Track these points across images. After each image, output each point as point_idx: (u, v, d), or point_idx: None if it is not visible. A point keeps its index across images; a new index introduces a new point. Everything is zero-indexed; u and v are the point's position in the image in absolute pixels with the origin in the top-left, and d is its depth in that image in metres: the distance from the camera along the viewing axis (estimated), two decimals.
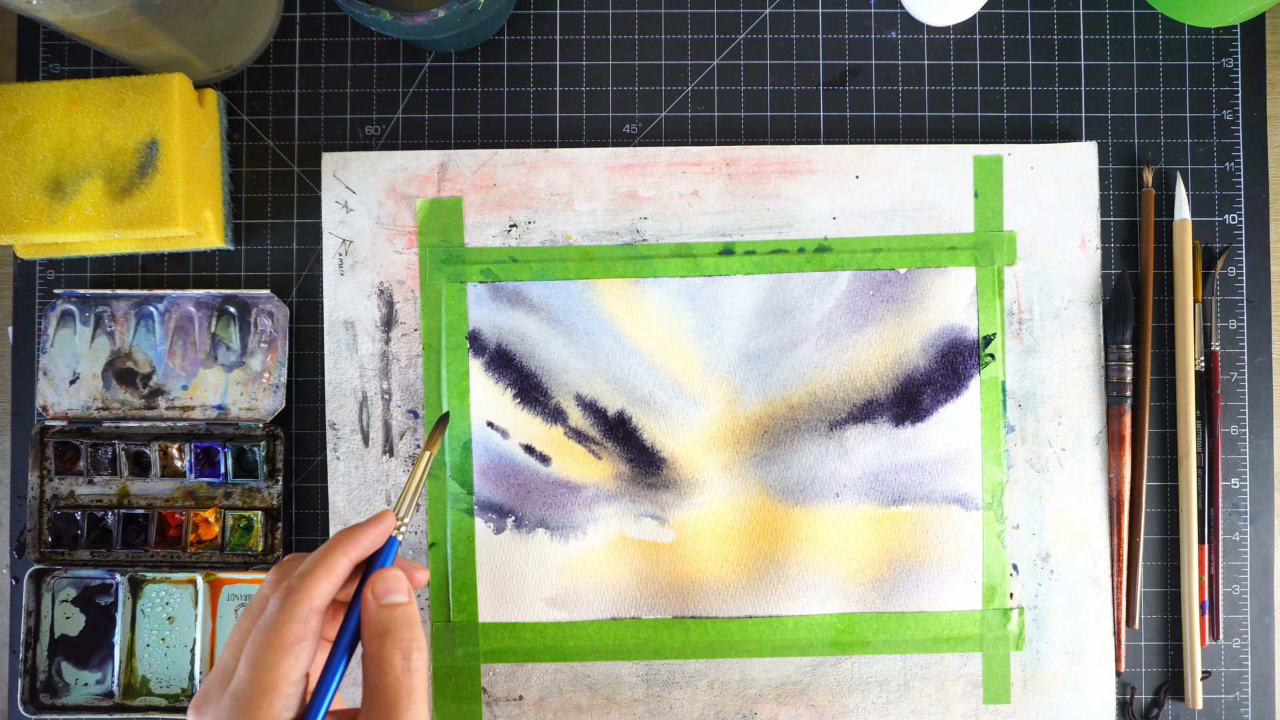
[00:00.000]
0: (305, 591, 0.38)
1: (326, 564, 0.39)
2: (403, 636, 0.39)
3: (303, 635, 0.37)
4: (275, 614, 0.37)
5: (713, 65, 0.54)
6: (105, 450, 0.52)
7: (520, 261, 0.52)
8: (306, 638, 0.37)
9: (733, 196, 0.52)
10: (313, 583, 0.38)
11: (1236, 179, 0.53)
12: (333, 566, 0.39)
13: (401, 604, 0.39)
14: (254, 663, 0.36)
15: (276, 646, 0.37)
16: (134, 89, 0.48)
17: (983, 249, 0.52)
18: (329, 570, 0.39)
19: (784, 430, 0.51)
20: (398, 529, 0.42)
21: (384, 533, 0.41)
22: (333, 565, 0.39)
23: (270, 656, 0.36)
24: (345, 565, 0.39)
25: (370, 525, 0.41)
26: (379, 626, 0.39)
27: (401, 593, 0.40)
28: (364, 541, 0.40)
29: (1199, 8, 0.52)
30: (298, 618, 0.37)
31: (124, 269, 0.53)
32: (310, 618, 0.37)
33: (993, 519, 0.51)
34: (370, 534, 0.41)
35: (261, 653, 0.37)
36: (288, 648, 0.37)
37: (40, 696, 0.51)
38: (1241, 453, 0.53)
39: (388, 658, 0.38)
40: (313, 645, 0.37)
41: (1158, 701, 0.52)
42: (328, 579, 0.38)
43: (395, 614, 0.39)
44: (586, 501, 0.51)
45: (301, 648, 0.37)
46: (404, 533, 0.43)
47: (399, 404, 0.52)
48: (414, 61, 0.54)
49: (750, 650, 0.51)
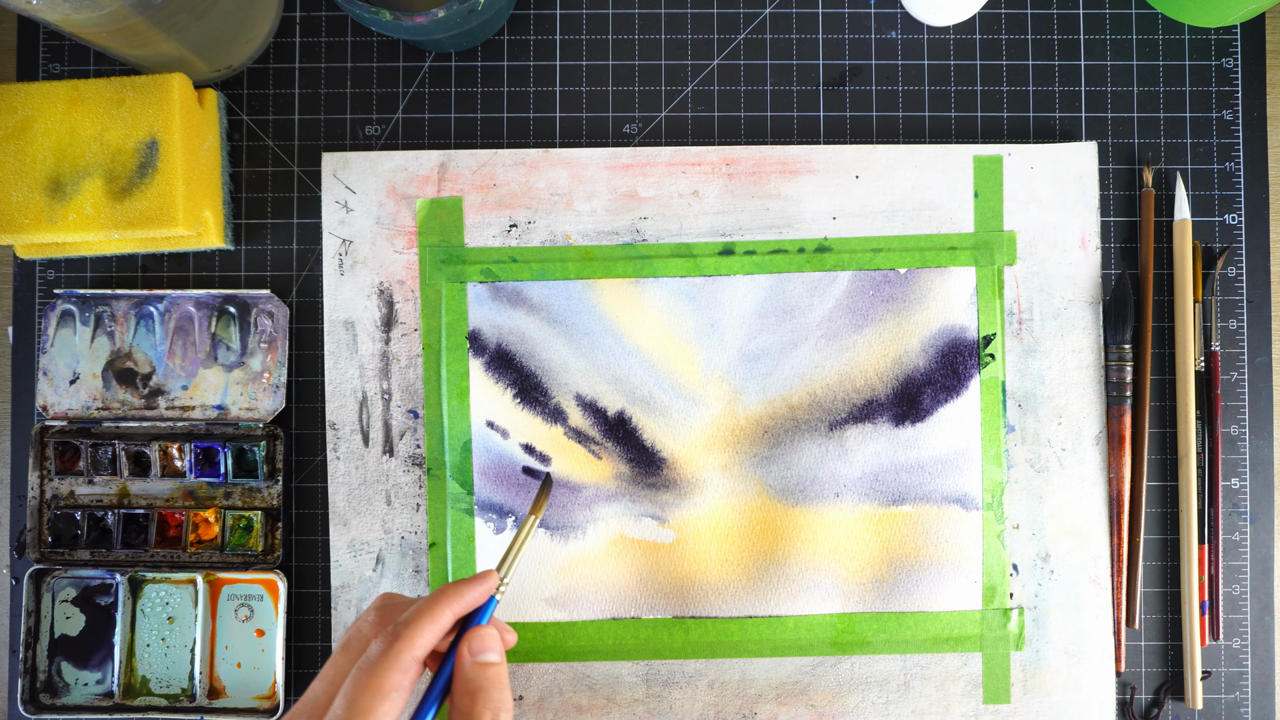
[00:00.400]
0: (409, 640, 0.39)
1: (431, 615, 0.40)
2: (494, 697, 0.40)
3: (402, 683, 0.38)
4: (378, 658, 0.38)
5: (713, 65, 0.54)
6: (105, 450, 0.52)
7: (520, 261, 0.52)
8: (405, 685, 0.38)
9: (733, 196, 0.52)
10: (417, 632, 0.39)
11: (1236, 179, 0.53)
12: (437, 618, 0.40)
13: (494, 664, 0.40)
14: (351, 703, 0.37)
15: (376, 690, 0.38)
16: (134, 89, 0.48)
17: (983, 249, 0.52)
18: (433, 621, 0.40)
19: (784, 430, 0.51)
20: (499, 589, 0.43)
21: (486, 591, 0.42)
22: (437, 617, 0.40)
23: (368, 700, 0.37)
24: (449, 618, 0.40)
25: (474, 582, 0.42)
26: (472, 684, 0.40)
27: (495, 652, 0.41)
28: (468, 597, 0.41)
29: (1199, 8, 0.52)
30: (399, 665, 0.38)
31: (124, 269, 0.53)
32: (411, 666, 0.38)
33: (993, 519, 0.51)
34: (474, 590, 0.42)
35: (361, 694, 0.37)
36: (386, 693, 0.38)
37: (40, 696, 0.51)
38: (1241, 453, 0.53)
39: (477, 715, 0.39)
40: (409, 693, 0.38)
41: (1158, 701, 0.52)
42: (431, 630, 0.39)
43: (489, 673, 0.40)
44: (586, 501, 0.51)
45: (399, 695, 0.38)
46: (504, 593, 0.43)
47: (399, 404, 0.52)
48: (414, 61, 0.54)
49: (750, 650, 0.51)
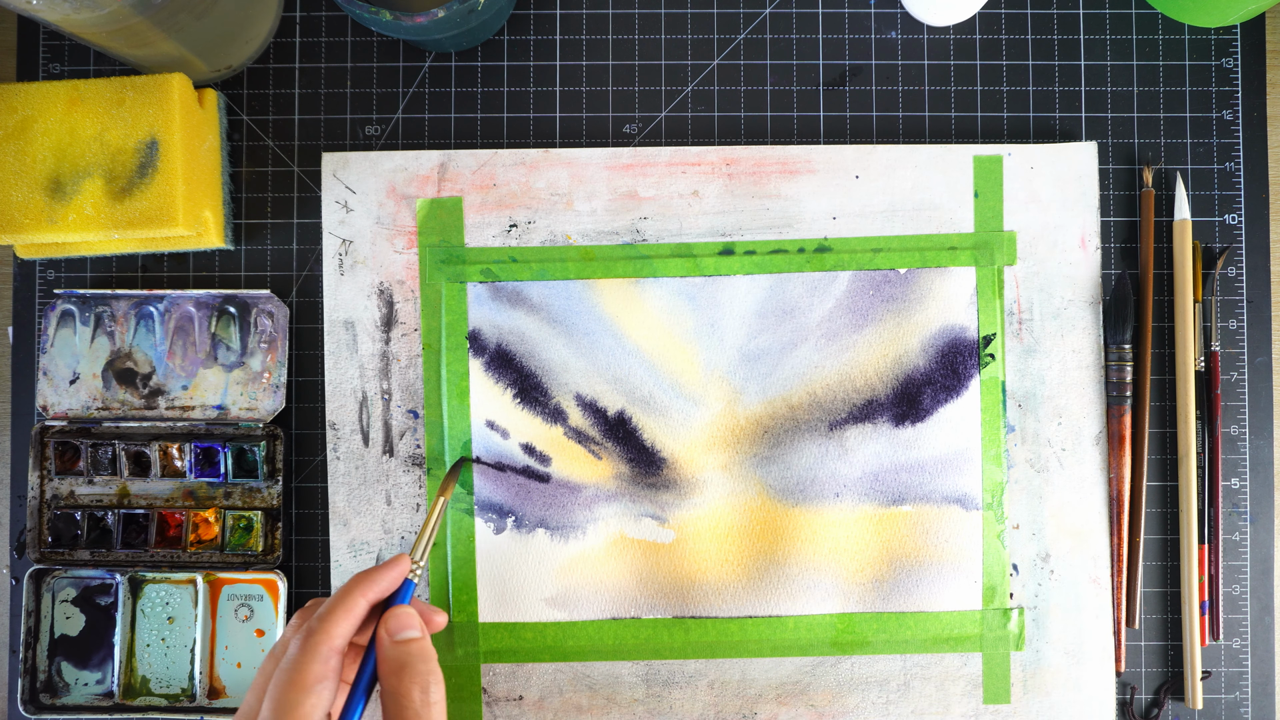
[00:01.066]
0: (325, 632, 0.39)
1: (344, 605, 0.40)
2: (419, 670, 0.40)
3: (324, 675, 0.38)
4: (296, 655, 0.38)
5: (713, 65, 0.54)
6: (105, 450, 0.52)
7: (520, 261, 0.52)
8: (327, 677, 0.38)
9: (733, 196, 0.52)
10: (331, 623, 0.39)
11: (1236, 179, 0.53)
12: (350, 607, 0.40)
13: (415, 639, 0.41)
14: (277, 703, 0.38)
15: (299, 686, 0.38)
16: (134, 89, 0.48)
17: (983, 249, 0.52)
18: (347, 611, 0.40)
19: (784, 430, 0.51)
20: (413, 571, 0.43)
21: (399, 575, 0.43)
22: (350, 606, 0.40)
23: (293, 696, 0.38)
24: (363, 606, 0.41)
25: (386, 568, 0.42)
26: (395, 663, 0.40)
27: (414, 629, 0.41)
28: (380, 583, 0.42)
29: (1199, 8, 0.52)
30: (318, 657, 0.38)
31: (124, 269, 0.53)
32: (330, 657, 0.39)
33: (993, 519, 0.51)
34: (386, 576, 0.42)
35: (284, 692, 0.38)
36: (309, 687, 0.38)
37: (40, 696, 0.51)
38: (1241, 453, 0.53)
39: (405, 692, 0.39)
40: (333, 685, 0.38)
41: (1158, 701, 0.52)
42: (346, 619, 0.40)
43: (410, 649, 0.40)
44: (586, 501, 0.51)
45: (323, 687, 0.38)
46: (419, 575, 0.44)
47: (399, 404, 0.52)
48: (414, 61, 0.54)
49: (750, 650, 0.51)
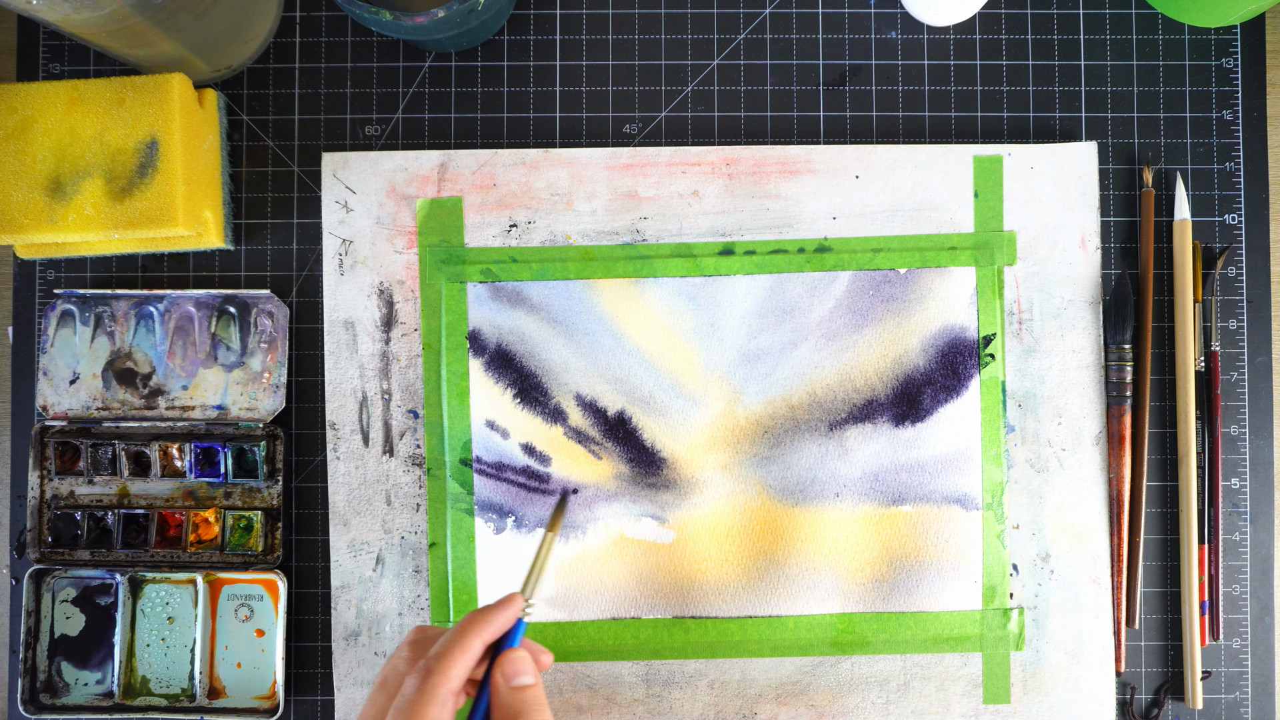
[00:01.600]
0: (443, 674, 0.39)
1: (461, 645, 0.40)
2: (533, 717, 0.40)
3: (440, 717, 0.38)
4: (414, 695, 0.38)
5: (713, 65, 0.54)
6: (105, 450, 0.52)
7: (520, 261, 0.52)
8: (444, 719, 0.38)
9: (733, 196, 0.52)
10: (449, 664, 0.39)
11: (1236, 179, 0.53)
12: (467, 648, 0.40)
13: (529, 686, 0.41)
14: None
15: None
16: (134, 89, 0.48)
17: (983, 249, 0.52)
18: (464, 652, 0.40)
19: (784, 430, 0.51)
20: (525, 611, 0.43)
21: (513, 615, 0.42)
22: (467, 647, 0.40)
23: None
24: (478, 647, 0.41)
25: (500, 607, 0.42)
26: (510, 710, 0.40)
27: (529, 674, 0.41)
28: (495, 623, 0.42)
29: (1199, 8, 0.52)
30: (436, 700, 0.38)
31: (124, 269, 0.53)
32: (448, 700, 0.39)
33: (993, 519, 0.51)
34: (501, 616, 0.42)
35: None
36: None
37: (40, 696, 0.51)
38: (1241, 453, 0.53)
39: None
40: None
41: (1158, 701, 0.52)
42: (463, 661, 0.40)
43: (525, 696, 0.40)
44: (586, 501, 0.51)
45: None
46: (530, 614, 0.43)
47: (399, 404, 0.52)
48: (414, 61, 0.54)
49: (750, 650, 0.51)
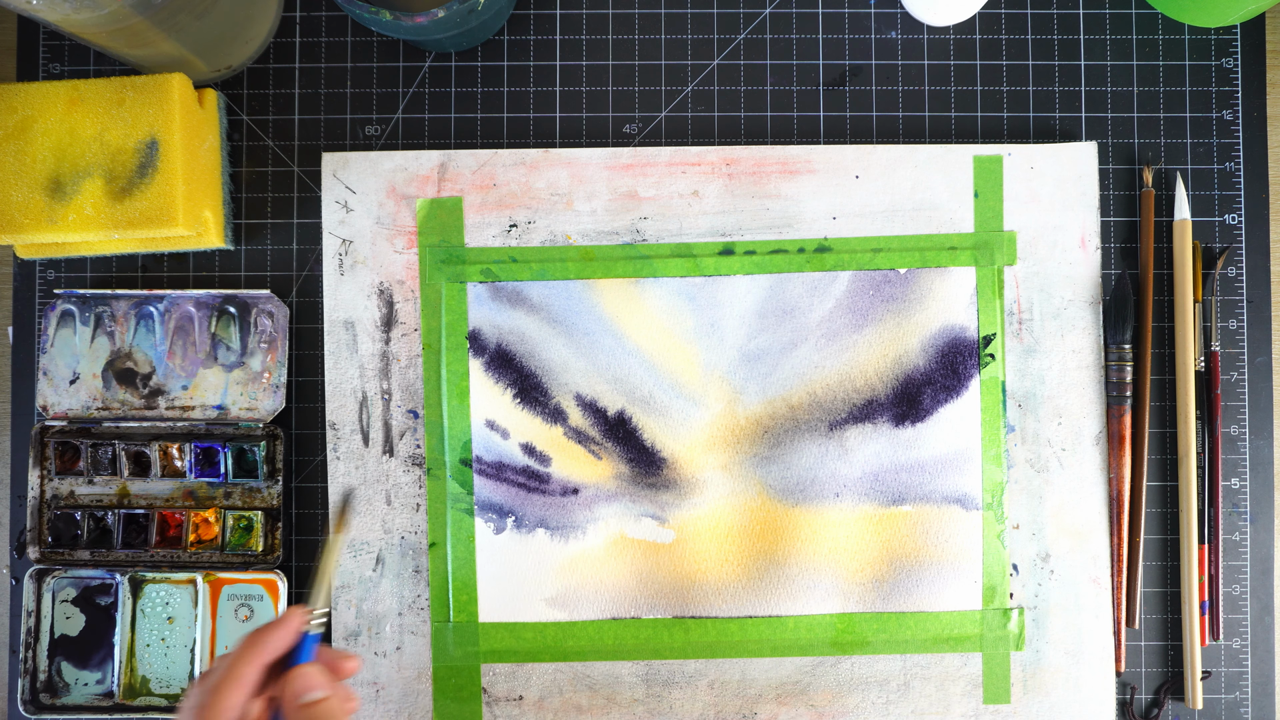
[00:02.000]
0: (215, 708, 0.37)
1: (233, 676, 0.38)
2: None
3: None
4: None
5: (713, 65, 0.54)
6: (105, 450, 0.52)
7: (520, 261, 0.52)
8: None
9: (733, 196, 0.52)
10: (221, 697, 0.38)
11: (1236, 179, 0.53)
12: (240, 678, 0.38)
13: (319, 701, 0.39)
14: None
15: None
16: (134, 89, 0.48)
17: (983, 249, 0.52)
18: (236, 682, 0.38)
19: (784, 430, 0.51)
20: (309, 624, 0.41)
21: (291, 632, 0.40)
22: (239, 676, 0.38)
23: None
24: (253, 674, 0.39)
25: (276, 626, 0.40)
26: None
27: (318, 689, 0.39)
28: (271, 644, 0.39)
29: (1199, 8, 0.52)
30: None
31: (124, 269, 0.53)
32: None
33: (993, 519, 0.51)
34: (277, 635, 0.40)
35: None
36: None
37: (40, 696, 0.51)
38: (1241, 453, 0.53)
39: None
40: None
41: (1158, 701, 0.52)
42: (236, 691, 0.38)
43: (314, 712, 0.39)
44: (586, 501, 0.51)
45: None
46: (317, 626, 0.41)
47: (399, 404, 0.52)
48: (414, 61, 0.54)
49: (750, 650, 0.51)
